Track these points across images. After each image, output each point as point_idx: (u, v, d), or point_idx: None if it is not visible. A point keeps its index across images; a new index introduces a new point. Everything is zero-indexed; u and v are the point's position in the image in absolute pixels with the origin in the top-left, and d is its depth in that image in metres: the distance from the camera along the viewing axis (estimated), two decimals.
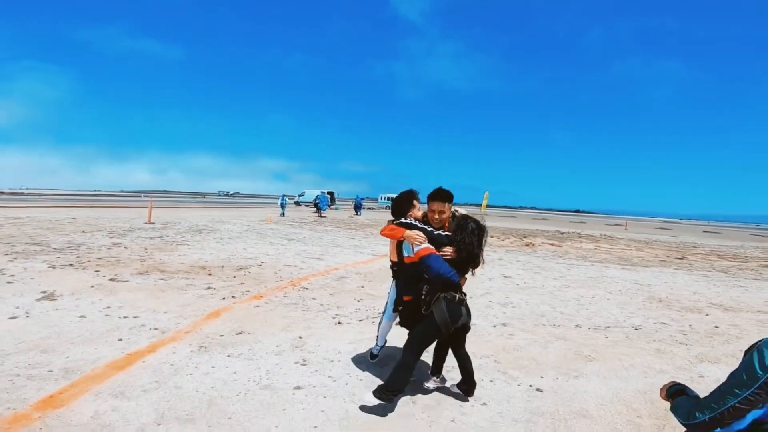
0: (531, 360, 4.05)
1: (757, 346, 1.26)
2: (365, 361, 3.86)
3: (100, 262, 7.65)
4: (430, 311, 2.94)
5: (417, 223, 3.11)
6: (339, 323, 4.92)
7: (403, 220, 3.18)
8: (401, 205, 3.27)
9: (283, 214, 27.79)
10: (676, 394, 1.46)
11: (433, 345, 3.35)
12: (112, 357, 3.63)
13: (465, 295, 3.05)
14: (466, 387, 3.21)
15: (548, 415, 3.00)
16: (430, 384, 3.37)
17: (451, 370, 3.54)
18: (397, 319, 3.51)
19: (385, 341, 3.85)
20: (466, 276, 3.11)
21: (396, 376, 2.95)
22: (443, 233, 3.03)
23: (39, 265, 7.15)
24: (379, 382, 3.43)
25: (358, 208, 35.62)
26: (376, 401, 2.93)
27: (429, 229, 3.04)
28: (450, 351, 3.31)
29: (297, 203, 48.98)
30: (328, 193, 44.75)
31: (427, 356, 3.48)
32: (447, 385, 3.40)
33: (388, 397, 2.93)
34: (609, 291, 7.70)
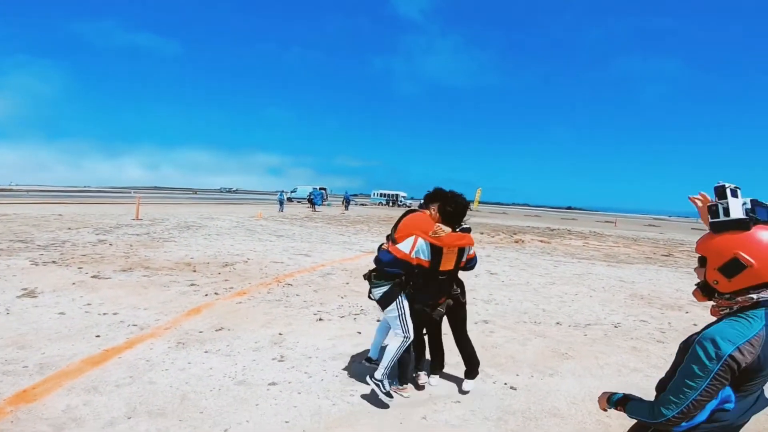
0: (508, 358, 4.10)
1: (696, 340, 1.30)
2: (342, 358, 3.88)
3: (83, 259, 7.59)
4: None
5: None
6: (320, 320, 4.94)
7: (465, 225, 3.20)
8: (464, 212, 3.20)
9: (281, 210, 28.01)
10: (621, 401, 1.50)
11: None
12: (89, 353, 3.64)
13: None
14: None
15: (519, 414, 3.04)
16: (421, 379, 3.44)
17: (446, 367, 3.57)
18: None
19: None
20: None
21: None
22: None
23: (22, 262, 7.08)
24: (355, 379, 3.46)
25: (347, 203, 37.73)
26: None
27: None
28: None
29: (289, 199, 48.90)
30: (321, 188, 45.17)
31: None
32: (433, 383, 3.44)
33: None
34: (592, 288, 7.79)
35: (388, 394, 3.03)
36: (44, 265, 6.96)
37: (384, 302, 3.08)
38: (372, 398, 3.08)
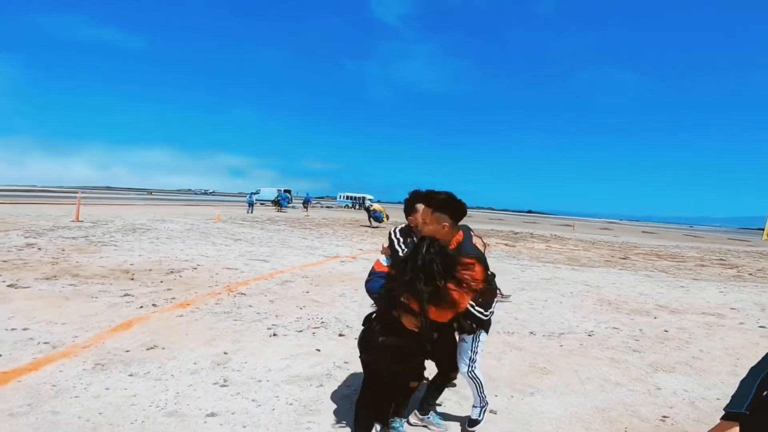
0: (484, 375, 3.68)
1: None
2: (298, 381, 3.35)
3: (4, 266, 6.60)
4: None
5: (399, 230, 2.65)
6: (274, 335, 4.37)
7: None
8: (406, 211, 2.76)
9: (250, 212, 27.87)
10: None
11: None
12: None
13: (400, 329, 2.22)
14: None
15: None
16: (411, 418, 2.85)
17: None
18: None
19: None
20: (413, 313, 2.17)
21: None
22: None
23: None
24: (315, 406, 2.96)
25: (306, 203, 39.22)
26: None
27: (398, 243, 2.55)
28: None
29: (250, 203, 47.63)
30: (286, 191, 44.73)
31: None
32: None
33: None
34: (561, 294, 7.62)
35: None
36: None
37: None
38: None
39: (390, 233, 2.75)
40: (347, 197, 58.77)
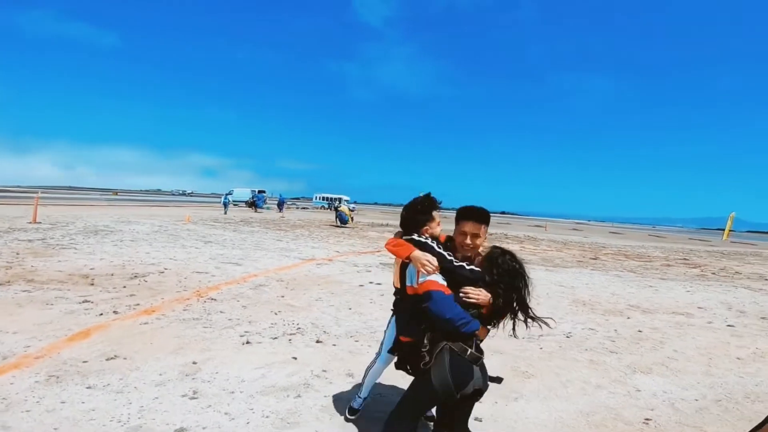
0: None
1: None
2: (274, 392, 3.17)
3: None
4: (429, 366, 2.09)
5: (434, 244, 2.25)
6: (247, 343, 4.15)
7: (416, 236, 2.31)
8: (416, 216, 2.39)
9: (225, 213, 27.82)
10: None
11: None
12: None
13: (481, 352, 2.16)
14: None
15: None
16: None
17: None
18: (393, 360, 2.60)
19: (369, 393, 2.88)
20: (490, 327, 2.26)
21: None
22: (470, 266, 2.19)
23: None
24: (293, 418, 2.79)
25: (280, 205, 38.57)
26: None
27: (449, 257, 2.20)
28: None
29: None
30: (260, 191, 44.16)
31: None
32: None
33: None
34: (537, 294, 7.61)
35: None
36: None
37: None
38: None
39: (436, 247, 2.28)
40: (323, 198, 58.20)
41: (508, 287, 2.15)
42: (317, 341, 4.35)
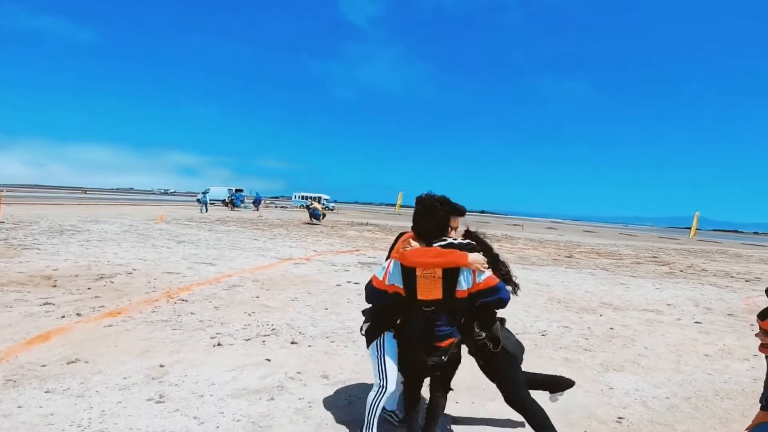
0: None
1: None
2: (246, 395, 3.06)
3: None
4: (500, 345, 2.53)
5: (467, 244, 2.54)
6: (219, 345, 4.02)
7: (452, 240, 2.48)
8: (443, 220, 2.47)
9: (204, 211, 27.67)
10: None
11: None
12: None
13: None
14: None
15: None
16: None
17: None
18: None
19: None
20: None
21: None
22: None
23: None
24: (265, 422, 2.69)
25: (257, 203, 38.85)
26: None
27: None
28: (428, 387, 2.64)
29: (199, 201, 45.57)
30: (237, 190, 43.47)
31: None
32: None
33: None
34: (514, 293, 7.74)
35: None
36: None
37: (366, 341, 2.59)
38: None
39: (478, 254, 2.44)
40: (303, 197, 57.59)
41: (499, 261, 2.65)
42: (292, 342, 4.25)
